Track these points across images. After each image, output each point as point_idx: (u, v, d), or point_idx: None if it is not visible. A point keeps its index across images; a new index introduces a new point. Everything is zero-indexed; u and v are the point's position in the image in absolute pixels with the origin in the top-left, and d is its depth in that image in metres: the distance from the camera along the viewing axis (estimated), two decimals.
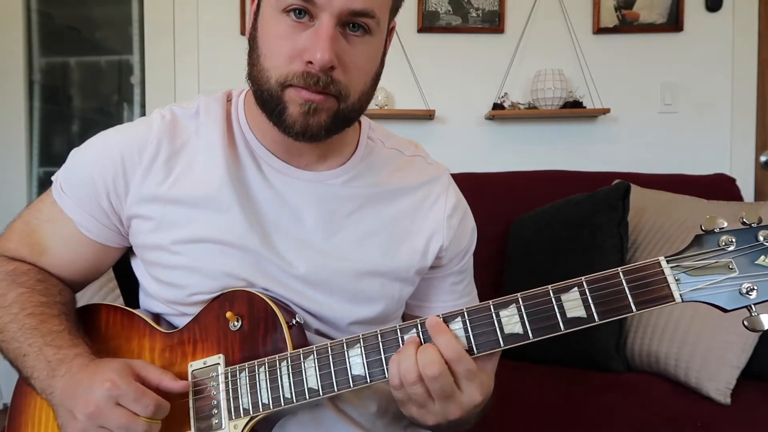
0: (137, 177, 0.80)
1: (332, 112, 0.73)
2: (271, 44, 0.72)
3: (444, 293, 0.92)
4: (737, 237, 0.61)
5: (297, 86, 0.71)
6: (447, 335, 0.66)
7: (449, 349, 0.65)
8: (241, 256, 0.79)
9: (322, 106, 0.72)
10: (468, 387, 0.66)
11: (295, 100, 0.71)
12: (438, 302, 0.92)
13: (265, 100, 0.74)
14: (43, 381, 0.73)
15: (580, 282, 0.64)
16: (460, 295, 0.93)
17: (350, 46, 0.71)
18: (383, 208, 0.84)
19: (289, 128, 0.73)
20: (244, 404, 0.73)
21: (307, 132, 0.73)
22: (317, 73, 0.69)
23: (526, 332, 0.65)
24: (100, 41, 2.67)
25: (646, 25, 2.41)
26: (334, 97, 0.72)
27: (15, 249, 0.85)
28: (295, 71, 0.70)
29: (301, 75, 0.70)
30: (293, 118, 0.72)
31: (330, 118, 0.73)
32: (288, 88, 0.71)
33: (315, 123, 0.72)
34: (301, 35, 0.70)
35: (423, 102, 2.40)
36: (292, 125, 0.72)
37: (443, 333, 0.66)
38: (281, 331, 0.74)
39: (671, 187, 1.81)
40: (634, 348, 1.46)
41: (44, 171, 2.58)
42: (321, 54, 0.68)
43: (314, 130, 0.73)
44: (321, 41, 0.68)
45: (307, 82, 0.70)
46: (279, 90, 0.71)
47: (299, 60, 0.70)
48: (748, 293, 0.60)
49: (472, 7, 2.41)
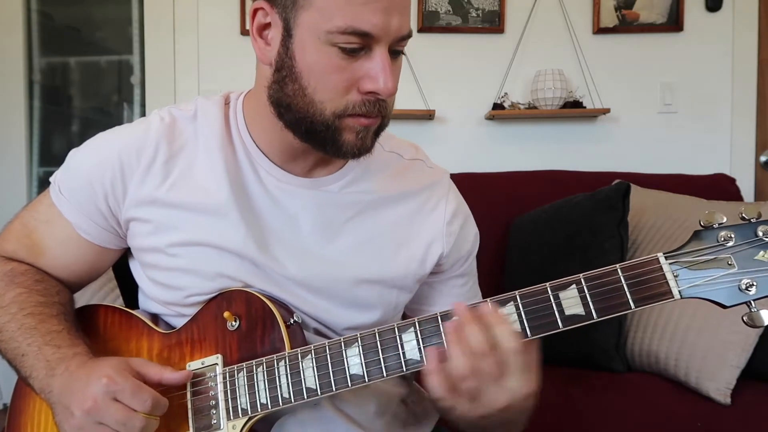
0: (135, 180, 0.79)
1: (377, 129, 0.75)
2: (322, 76, 0.70)
3: (447, 296, 0.91)
4: (736, 232, 0.61)
5: (355, 115, 0.71)
6: (507, 324, 0.64)
7: (511, 338, 0.63)
8: (239, 261, 0.79)
9: (372, 127, 0.74)
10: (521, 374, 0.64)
11: (353, 128, 0.72)
12: (440, 305, 0.91)
13: (317, 131, 0.73)
14: (41, 380, 0.73)
15: (578, 279, 0.64)
16: (464, 298, 0.92)
17: (394, 67, 0.72)
18: (381, 215, 0.84)
19: (345, 153, 0.74)
20: (242, 404, 0.73)
21: (362, 152, 0.75)
22: (377, 100, 0.71)
23: (524, 330, 0.65)
24: (100, 41, 2.67)
25: (646, 25, 2.40)
26: (382, 116, 0.74)
27: (13, 250, 0.85)
28: (354, 102, 0.71)
29: (362, 104, 0.71)
30: (350, 144, 0.73)
31: (375, 135, 0.76)
32: (346, 118, 0.72)
33: (369, 143, 0.75)
34: (355, 65, 0.70)
35: (423, 102, 2.40)
36: (350, 150, 0.74)
37: (502, 321, 0.64)
38: (279, 330, 0.74)
39: (671, 187, 1.81)
40: (634, 348, 1.46)
41: (44, 171, 2.58)
42: (386, 84, 0.69)
43: (369, 149, 0.76)
44: (384, 72, 0.69)
45: (369, 110, 0.71)
46: (335, 120, 0.72)
47: (355, 90, 0.71)
48: (747, 289, 0.59)
49: (472, 7, 2.41)
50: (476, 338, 0.62)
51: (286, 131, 0.76)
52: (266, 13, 0.73)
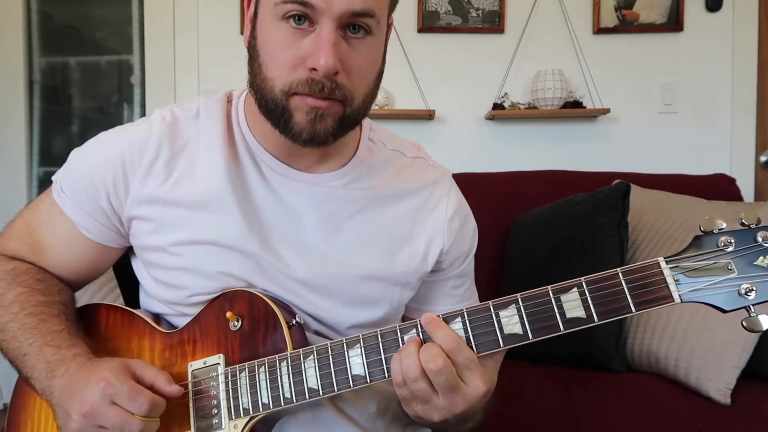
0: (137, 178, 0.80)
1: (338, 117, 0.73)
2: (272, 53, 0.71)
3: (444, 296, 0.92)
4: (736, 238, 0.61)
5: (302, 94, 0.70)
6: (444, 327, 0.66)
7: (448, 340, 0.65)
8: (241, 258, 0.79)
9: (328, 111, 0.71)
10: (471, 377, 0.66)
11: (301, 108, 0.71)
12: (438, 305, 0.92)
13: (270, 109, 0.73)
14: (42, 381, 0.73)
15: (579, 282, 0.64)
16: (460, 299, 0.93)
17: (352, 48, 0.70)
18: (384, 211, 0.84)
19: (297, 136, 0.73)
20: (244, 404, 0.73)
21: (315, 139, 0.73)
22: (322, 79, 0.69)
23: (525, 333, 0.65)
24: (100, 41, 2.67)
25: (646, 25, 2.41)
26: (340, 101, 0.71)
27: (14, 248, 0.85)
28: (299, 79, 0.70)
29: (306, 82, 0.69)
30: (300, 126, 0.72)
31: (336, 123, 0.73)
32: (293, 97, 0.71)
33: (322, 129, 0.72)
34: (303, 42, 0.69)
35: (423, 102, 2.40)
36: (300, 133, 0.72)
37: (440, 326, 0.66)
38: (281, 331, 0.75)
39: (671, 187, 1.81)
40: (634, 348, 1.46)
41: (44, 171, 2.58)
42: (325, 60, 0.67)
43: (322, 137, 0.73)
44: (323, 47, 0.67)
45: (312, 89, 0.69)
46: (284, 99, 0.71)
47: (302, 67, 0.69)
48: (746, 294, 0.60)
49: (472, 7, 2.41)
50: (407, 362, 0.66)
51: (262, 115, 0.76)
52: (249, 2, 0.75)
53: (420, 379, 0.65)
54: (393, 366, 0.67)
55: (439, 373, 0.64)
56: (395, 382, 0.67)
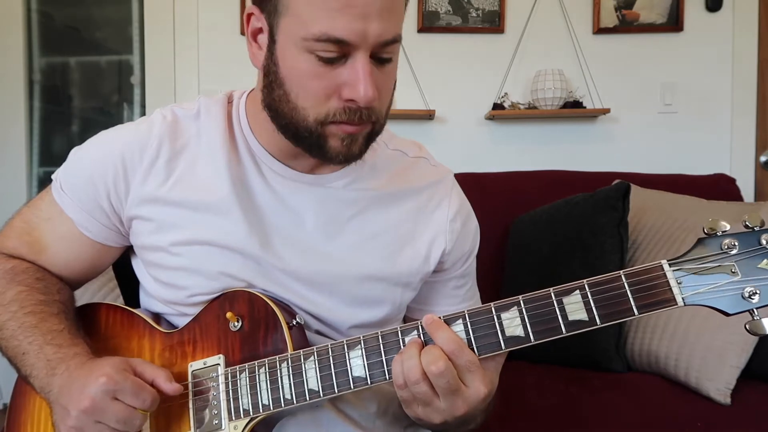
0: (138, 178, 0.79)
1: (367, 135, 0.74)
2: (302, 83, 0.70)
3: (445, 297, 0.92)
4: (740, 240, 0.61)
5: (338, 122, 0.71)
6: (445, 329, 0.66)
7: (449, 342, 0.66)
8: (242, 259, 0.79)
9: (361, 134, 0.73)
10: (472, 380, 0.66)
11: (337, 135, 0.72)
12: (439, 306, 0.92)
13: (302, 136, 0.73)
14: (42, 380, 0.73)
15: (581, 285, 0.64)
16: (461, 299, 0.93)
17: (381, 73, 0.71)
18: (385, 212, 0.84)
19: (332, 159, 0.74)
20: (244, 405, 0.73)
21: (350, 159, 0.75)
22: (359, 108, 0.70)
23: (527, 335, 0.65)
24: (100, 41, 2.66)
25: (646, 25, 2.41)
26: (372, 122, 0.73)
27: (14, 247, 0.85)
28: (335, 109, 0.70)
29: (343, 111, 0.70)
30: (336, 151, 0.73)
31: (366, 141, 0.75)
32: (329, 125, 0.71)
33: (357, 150, 0.74)
34: (334, 72, 0.69)
35: (423, 102, 2.40)
36: (335, 156, 0.73)
37: (441, 328, 0.67)
38: (282, 331, 0.74)
39: (671, 187, 1.81)
40: (634, 348, 1.46)
41: (44, 171, 2.58)
42: (365, 92, 0.68)
43: (356, 156, 0.75)
44: (361, 80, 0.67)
45: (351, 118, 0.70)
46: (319, 127, 0.71)
47: (336, 97, 0.70)
48: (750, 297, 0.60)
49: (472, 7, 2.41)
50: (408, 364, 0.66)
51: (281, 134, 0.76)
52: (258, 18, 0.73)
53: (421, 381, 0.65)
54: (394, 368, 0.67)
55: (441, 376, 0.64)
56: (396, 384, 0.67)
